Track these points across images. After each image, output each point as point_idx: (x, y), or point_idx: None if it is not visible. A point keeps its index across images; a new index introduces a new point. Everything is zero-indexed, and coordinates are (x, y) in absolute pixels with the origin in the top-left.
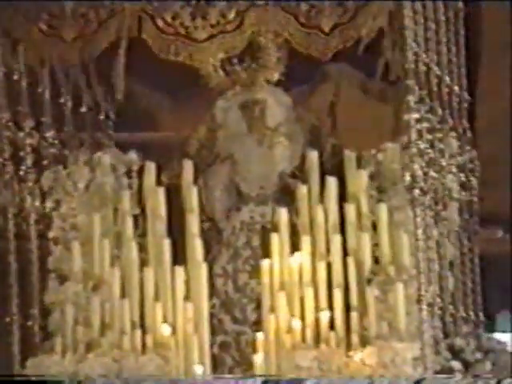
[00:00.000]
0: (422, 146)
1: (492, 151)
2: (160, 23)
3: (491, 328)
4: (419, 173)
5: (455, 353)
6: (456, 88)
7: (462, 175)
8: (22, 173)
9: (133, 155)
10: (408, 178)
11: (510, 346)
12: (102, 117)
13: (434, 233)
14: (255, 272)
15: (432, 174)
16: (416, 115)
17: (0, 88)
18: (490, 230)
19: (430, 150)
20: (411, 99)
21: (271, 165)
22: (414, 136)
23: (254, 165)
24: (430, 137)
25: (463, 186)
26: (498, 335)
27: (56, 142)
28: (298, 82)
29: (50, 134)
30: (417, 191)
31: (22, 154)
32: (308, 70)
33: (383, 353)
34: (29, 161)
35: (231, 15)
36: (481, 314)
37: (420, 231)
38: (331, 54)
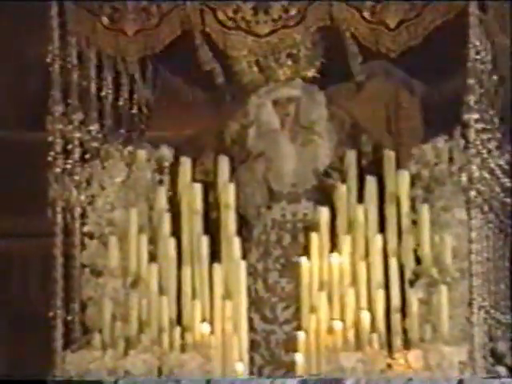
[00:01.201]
0: (480, 146)
1: None
2: (221, 17)
3: None
4: (476, 174)
5: (498, 358)
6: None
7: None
8: (69, 166)
9: (165, 150)
10: (464, 178)
11: None
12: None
13: (483, 235)
14: (286, 271)
15: (485, 175)
16: (476, 115)
17: (55, 81)
18: None
19: (484, 151)
20: (471, 99)
21: (304, 163)
22: (472, 136)
23: (286, 162)
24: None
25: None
26: None
27: (99, 135)
28: (334, 80)
29: (93, 127)
30: (473, 193)
31: (69, 147)
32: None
33: (430, 356)
34: (76, 155)
35: (293, 10)
36: None
37: (474, 233)
38: (399, 50)
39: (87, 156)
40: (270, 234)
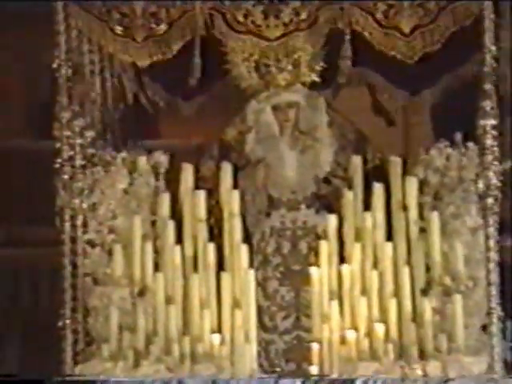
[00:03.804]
0: (497, 153)
1: None
2: (232, 22)
3: None
4: (493, 181)
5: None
6: None
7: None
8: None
9: (160, 156)
10: (481, 185)
11: None
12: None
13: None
14: (285, 279)
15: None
16: (493, 121)
17: (62, 87)
18: None
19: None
20: (488, 104)
21: (304, 169)
22: (488, 142)
23: (286, 169)
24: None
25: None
26: None
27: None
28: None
29: (89, 134)
30: (490, 200)
31: (71, 153)
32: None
33: (449, 366)
34: (78, 161)
35: (304, 14)
36: None
37: (492, 241)
38: (417, 56)
39: (84, 163)
40: (269, 242)
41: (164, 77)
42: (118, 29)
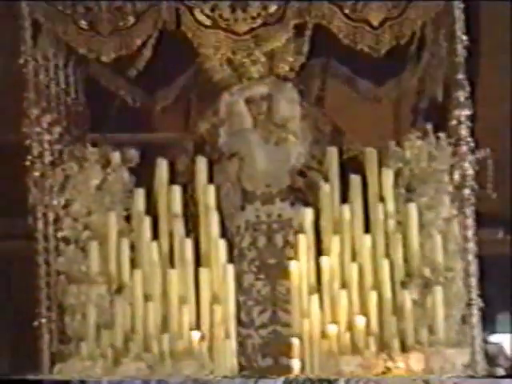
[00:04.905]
0: (472, 144)
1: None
2: (199, 16)
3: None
4: (470, 172)
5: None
6: None
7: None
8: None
9: (131, 152)
10: (457, 176)
11: (510, 346)
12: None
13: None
14: (261, 273)
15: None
16: (467, 112)
17: (30, 83)
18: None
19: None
20: (461, 95)
21: (277, 162)
22: (463, 133)
23: (260, 162)
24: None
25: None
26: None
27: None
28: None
29: (57, 129)
30: (467, 191)
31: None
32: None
33: (432, 359)
34: (47, 158)
35: (273, 7)
36: None
37: (470, 232)
38: (385, 50)
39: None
40: (244, 236)
41: (129, 70)
42: (83, 23)
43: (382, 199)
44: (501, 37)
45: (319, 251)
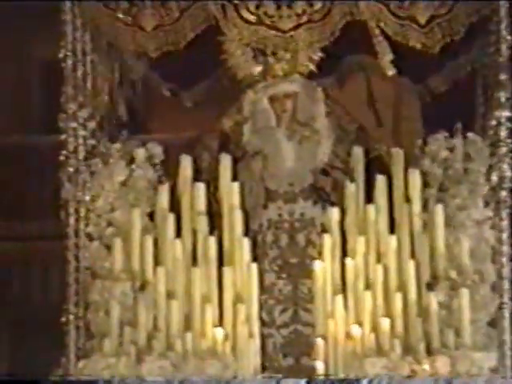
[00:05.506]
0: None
1: None
2: (244, 12)
3: None
4: (508, 173)
5: None
6: None
7: None
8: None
9: (155, 148)
10: (495, 178)
11: None
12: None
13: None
14: (283, 272)
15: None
16: (507, 113)
17: (69, 78)
18: None
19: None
20: (503, 95)
21: (301, 161)
22: (503, 134)
23: (283, 161)
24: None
25: None
26: None
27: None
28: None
29: (92, 125)
30: (504, 193)
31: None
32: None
33: (459, 362)
34: (81, 153)
35: (318, 4)
36: None
37: (505, 235)
38: (439, 47)
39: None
40: (266, 235)
41: (165, 67)
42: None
43: (407, 199)
44: None
45: (344, 251)
